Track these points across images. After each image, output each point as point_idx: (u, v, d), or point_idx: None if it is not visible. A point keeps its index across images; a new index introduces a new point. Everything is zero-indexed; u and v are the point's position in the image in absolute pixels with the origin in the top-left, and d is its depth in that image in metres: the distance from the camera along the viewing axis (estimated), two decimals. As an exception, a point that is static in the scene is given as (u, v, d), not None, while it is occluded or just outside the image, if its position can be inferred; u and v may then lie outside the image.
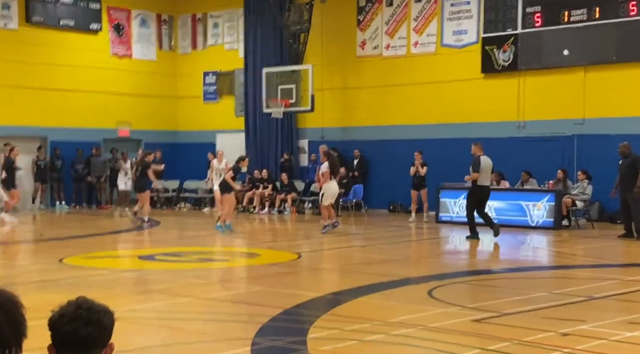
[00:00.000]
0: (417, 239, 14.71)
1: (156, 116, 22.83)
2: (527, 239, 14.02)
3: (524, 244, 13.67)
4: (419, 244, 14.01)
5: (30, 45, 19.98)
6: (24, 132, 19.99)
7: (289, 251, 11.94)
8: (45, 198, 20.63)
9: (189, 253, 12.29)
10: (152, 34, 22.90)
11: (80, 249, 11.98)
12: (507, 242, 13.61)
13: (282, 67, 19.81)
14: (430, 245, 13.71)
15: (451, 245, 13.82)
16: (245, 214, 19.25)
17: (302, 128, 21.17)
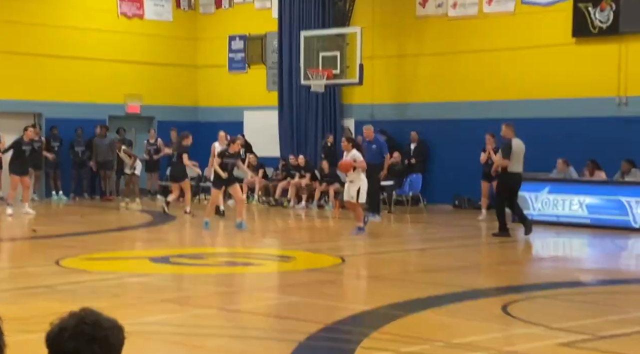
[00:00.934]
0: (489, 241, 14.56)
1: (172, 89, 23.04)
2: (629, 244, 13.78)
3: (624, 250, 13.43)
4: (490, 248, 13.87)
5: (24, 2, 20.30)
6: (13, 107, 20.35)
7: (331, 254, 11.96)
8: (40, 187, 20.98)
9: (210, 255, 12.40)
10: (167, -11, 23.09)
11: (81, 249, 12.19)
12: (603, 247, 13.38)
13: (324, 30, 19.76)
14: (504, 249, 13.56)
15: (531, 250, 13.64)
16: (278, 209, 19.34)
17: (348, 104, 21.13)
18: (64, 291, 8.81)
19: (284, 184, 19.96)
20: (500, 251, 13.50)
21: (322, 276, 10.06)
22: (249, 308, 8.20)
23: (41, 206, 19.79)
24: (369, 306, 8.20)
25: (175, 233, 15.02)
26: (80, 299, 8.28)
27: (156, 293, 9.12)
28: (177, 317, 7.64)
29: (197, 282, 9.99)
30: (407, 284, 9.59)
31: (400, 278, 10.18)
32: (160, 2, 22.94)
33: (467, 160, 17.90)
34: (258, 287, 9.70)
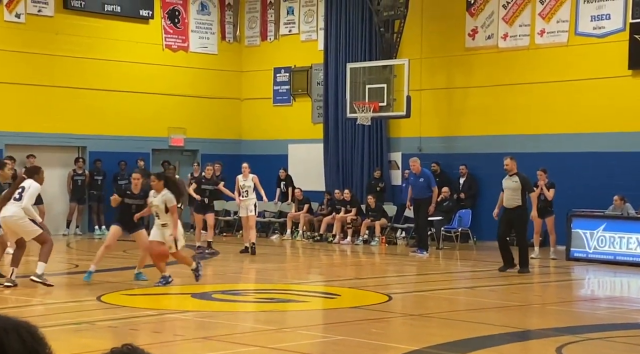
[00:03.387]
0: (542, 280, 14.34)
1: (216, 122, 23.27)
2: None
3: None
4: (543, 287, 13.65)
5: (68, 36, 20.75)
6: (58, 140, 20.73)
7: (377, 291, 11.87)
8: (83, 221, 21.27)
9: (252, 291, 12.39)
10: (213, 21, 23.42)
11: (122, 285, 12.28)
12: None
13: (370, 62, 19.84)
14: (558, 288, 13.33)
15: (587, 289, 13.38)
16: (323, 244, 19.30)
17: (395, 138, 21.11)
18: (105, 328, 8.88)
19: (329, 219, 19.94)
20: (555, 290, 13.27)
21: (368, 314, 9.98)
22: (293, 347, 8.15)
23: (84, 240, 20.05)
24: (416, 346, 8.09)
25: (217, 268, 15.05)
26: (121, 336, 8.33)
27: (197, 330, 9.13)
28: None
29: (239, 319, 9.99)
30: (456, 324, 9.46)
31: (448, 317, 10.05)
32: (205, 34, 23.27)
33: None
34: (302, 325, 9.66)
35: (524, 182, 13.96)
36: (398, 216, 19.69)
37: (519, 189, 13.87)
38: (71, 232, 20.82)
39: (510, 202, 13.93)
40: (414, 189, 16.92)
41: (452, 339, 8.28)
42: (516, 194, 13.88)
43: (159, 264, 11.97)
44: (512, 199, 13.89)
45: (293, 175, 21.65)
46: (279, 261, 16.83)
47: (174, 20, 22.65)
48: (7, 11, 19.84)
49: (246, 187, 16.35)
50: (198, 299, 11.27)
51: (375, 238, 19.16)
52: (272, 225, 21.41)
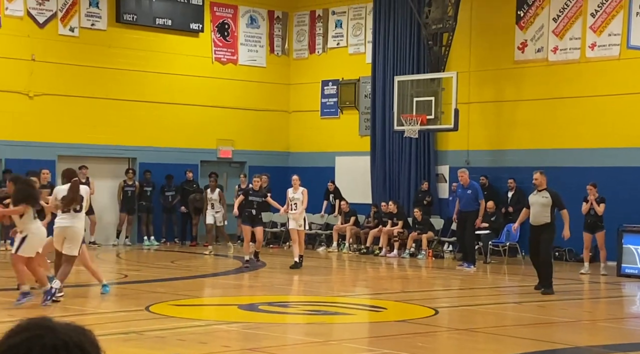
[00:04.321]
0: (592, 296, 14.10)
1: (264, 134, 23.41)
2: None
3: None
4: (593, 303, 13.42)
5: (120, 49, 21.09)
6: (109, 152, 21.05)
7: (423, 305, 11.80)
8: (132, 232, 21.55)
9: (299, 303, 12.41)
10: (262, 35, 23.60)
11: (170, 295, 12.40)
12: None
13: (419, 75, 19.81)
14: (608, 305, 13.10)
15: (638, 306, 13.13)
16: (369, 257, 19.26)
17: (442, 151, 21.01)
18: (153, 338, 8.96)
19: (375, 231, 19.90)
20: (605, 306, 13.06)
21: (414, 328, 9.93)
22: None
23: (133, 250, 20.30)
24: (463, 362, 8.03)
25: (264, 280, 15.11)
26: (169, 347, 8.42)
27: (244, 341, 9.17)
28: (264, 367, 7.65)
29: (285, 331, 10.01)
30: (503, 339, 9.36)
31: (495, 332, 9.95)
32: (254, 47, 23.46)
33: (568, 210, 17.44)
34: (348, 338, 9.64)
35: (555, 198, 13.18)
36: (445, 229, 19.57)
37: (549, 205, 13.10)
38: (121, 242, 21.08)
39: (539, 218, 13.13)
40: (461, 201, 16.81)
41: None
42: (545, 210, 13.10)
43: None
44: (541, 216, 13.10)
45: (340, 187, 21.66)
46: (325, 273, 16.84)
47: (223, 33, 22.88)
48: (62, 25, 20.25)
49: (295, 200, 16.23)
50: (245, 310, 11.33)
51: (422, 251, 19.05)
52: (319, 237, 21.43)
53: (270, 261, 17.40)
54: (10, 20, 19.52)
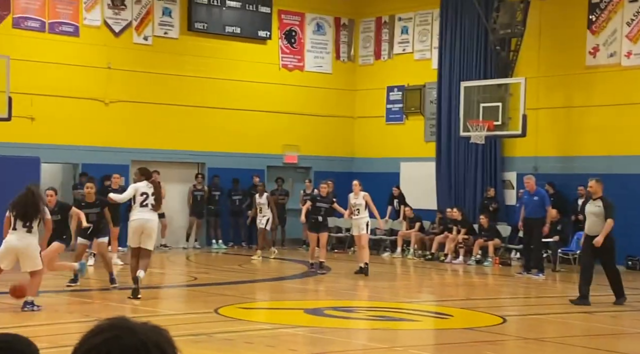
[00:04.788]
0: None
1: (329, 140, 23.44)
2: None
3: None
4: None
5: (191, 57, 21.39)
6: (178, 156, 21.35)
7: (490, 312, 11.62)
8: (201, 235, 21.80)
9: (364, 309, 12.35)
10: (328, 41, 23.66)
11: (237, 298, 12.49)
12: None
13: (486, 81, 19.56)
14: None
15: None
16: (434, 263, 19.08)
17: (509, 157, 20.69)
18: (222, 340, 9.03)
19: (440, 238, 19.70)
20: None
21: (481, 336, 9.79)
22: (405, 366, 8.07)
23: (202, 253, 20.52)
24: (531, 371, 7.87)
25: (329, 285, 15.10)
26: (237, 349, 8.47)
27: (310, 345, 9.17)
28: (331, 372, 7.63)
29: (351, 336, 9.98)
30: (572, 349, 9.16)
31: (564, 341, 9.74)
32: (320, 54, 23.52)
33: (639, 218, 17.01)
34: (413, 344, 9.55)
35: (607, 206, 12.49)
36: (512, 236, 19.26)
37: (602, 214, 12.46)
38: (190, 245, 21.34)
39: (593, 228, 12.53)
40: (527, 207, 16.52)
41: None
42: (600, 219, 12.47)
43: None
44: (595, 226, 12.51)
45: (404, 193, 21.52)
46: (390, 279, 16.75)
47: (290, 40, 23.01)
48: (136, 34, 20.65)
49: (357, 205, 16.06)
50: (310, 314, 11.32)
51: (488, 258, 18.78)
52: (383, 243, 21.33)
53: (335, 266, 17.36)
54: (88, 29, 20.00)
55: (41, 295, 13.25)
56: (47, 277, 15.93)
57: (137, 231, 11.81)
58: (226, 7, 21.75)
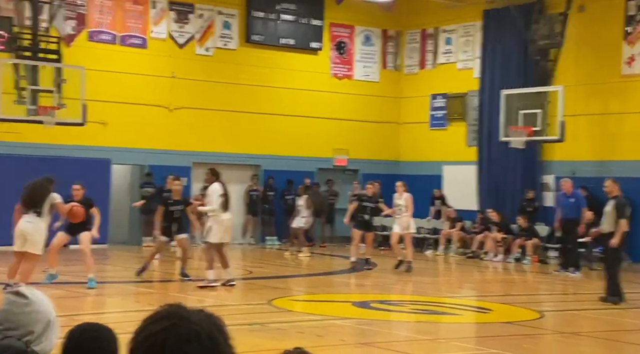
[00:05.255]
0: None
1: (376, 144, 23.33)
2: None
3: None
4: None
5: (248, 66, 21.50)
6: (237, 159, 21.46)
7: (529, 308, 11.39)
8: (256, 232, 21.87)
9: (408, 302, 12.23)
10: (376, 52, 23.55)
11: (289, 291, 12.49)
12: None
13: (525, 89, 19.23)
14: None
15: None
16: (475, 260, 18.83)
17: (548, 161, 20.32)
18: (274, 330, 9.01)
19: (481, 237, 19.43)
20: None
21: (519, 330, 9.60)
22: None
23: (256, 249, 20.58)
24: (569, 364, 7.67)
25: (375, 280, 14.99)
26: (288, 338, 8.43)
27: (357, 336, 9.10)
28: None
29: (396, 328, 9.88)
30: (607, 343, 8.92)
31: (600, 336, 9.49)
32: (368, 64, 23.44)
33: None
34: (455, 336, 9.41)
35: (617, 205, 12.07)
36: (550, 236, 18.90)
37: (613, 213, 12.07)
38: (246, 241, 21.43)
39: (606, 226, 12.17)
40: (564, 209, 16.21)
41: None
42: (611, 218, 12.11)
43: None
44: (607, 224, 12.14)
45: (447, 194, 21.31)
46: (433, 275, 16.57)
47: (340, 51, 22.97)
48: (198, 46, 20.83)
49: (400, 205, 15.91)
50: (358, 307, 11.24)
51: (526, 257, 18.45)
52: (427, 241, 21.13)
53: (381, 263, 17.24)
54: (154, 41, 20.22)
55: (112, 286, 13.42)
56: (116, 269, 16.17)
57: (228, 230, 12.35)
58: (281, 20, 21.81)
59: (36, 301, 2.80)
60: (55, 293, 10.39)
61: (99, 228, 12.33)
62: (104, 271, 15.66)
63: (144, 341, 1.97)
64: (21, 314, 2.72)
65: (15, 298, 2.77)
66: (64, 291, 11.45)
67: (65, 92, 16.34)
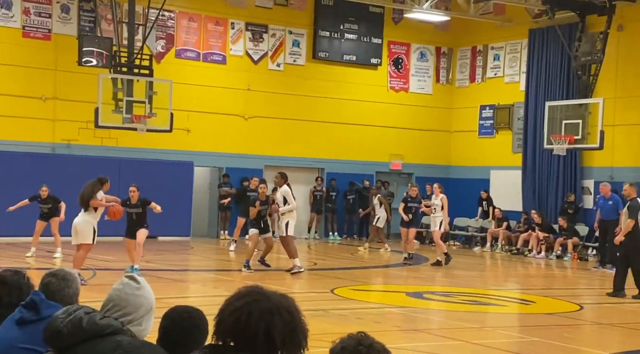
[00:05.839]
0: None
1: (428, 150, 23.22)
2: None
3: None
4: None
5: (314, 80, 21.68)
6: (302, 162, 21.68)
7: (569, 300, 11.20)
8: (320, 228, 22.02)
9: (457, 293, 12.16)
10: (429, 67, 23.45)
11: (350, 281, 12.53)
12: None
13: (568, 101, 18.90)
14: None
15: None
16: (519, 257, 18.56)
17: (588, 167, 19.90)
18: (336, 315, 9.08)
19: (525, 235, 19.15)
20: None
21: (561, 321, 9.46)
22: (493, 344, 7.90)
23: (320, 243, 20.71)
24: (605, 352, 7.54)
25: (427, 272, 14.93)
26: (349, 323, 8.50)
27: (411, 323, 9.11)
28: (428, 346, 7.56)
29: (446, 317, 9.84)
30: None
31: (636, 327, 9.26)
32: (423, 78, 23.37)
33: None
34: (501, 325, 9.33)
35: (630, 207, 11.63)
36: (589, 235, 18.52)
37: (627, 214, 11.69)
38: (311, 236, 21.59)
39: (623, 227, 11.84)
40: (602, 211, 15.87)
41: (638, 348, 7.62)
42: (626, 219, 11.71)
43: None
44: (623, 224, 11.83)
45: (493, 196, 21.07)
46: (480, 270, 16.40)
47: (397, 66, 22.95)
48: (271, 61, 21.12)
49: (435, 205, 15.65)
50: (412, 297, 11.24)
51: (567, 254, 18.10)
52: (474, 238, 20.92)
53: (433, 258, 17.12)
54: (233, 58, 20.58)
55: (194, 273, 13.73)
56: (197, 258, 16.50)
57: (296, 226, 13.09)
58: (344, 39, 21.94)
59: (146, 287, 2.86)
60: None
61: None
62: (187, 260, 16.03)
63: (230, 315, 2.06)
64: (132, 296, 2.75)
65: (128, 281, 2.80)
66: (150, 277, 11.77)
67: (155, 103, 16.74)
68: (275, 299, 2.14)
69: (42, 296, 3.25)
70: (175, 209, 18.83)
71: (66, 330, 2.62)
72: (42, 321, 3.04)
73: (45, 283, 3.35)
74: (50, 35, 18.21)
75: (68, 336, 2.61)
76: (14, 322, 3.20)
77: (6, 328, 3.21)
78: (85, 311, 2.68)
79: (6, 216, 14.41)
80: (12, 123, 17.78)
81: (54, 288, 3.31)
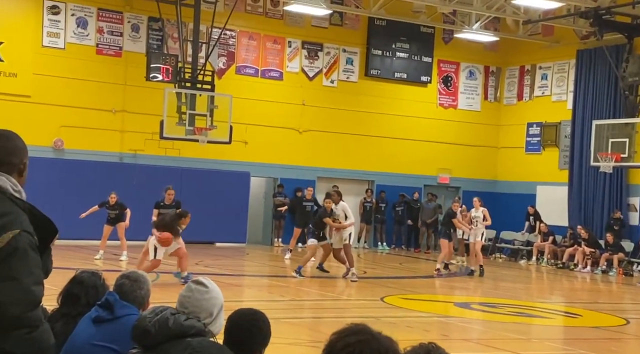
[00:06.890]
0: None
1: (476, 165, 22.96)
2: None
3: None
4: None
5: (366, 96, 21.72)
6: (353, 175, 21.71)
7: (615, 315, 10.91)
8: (369, 238, 21.97)
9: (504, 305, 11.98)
10: (478, 85, 23.24)
11: (399, 290, 12.47)
12: None
13: (615, 120, 18.49)
14: None
15: None
16: (565, 271, 18.17)
17: (634, 184, 19.39)
18: (387, 323, 9.03)
19: (571, 250, 18.74)
20: None
21: (607, 334, 9.23)
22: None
23: (369, 253, 20.66)
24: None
25: (473, 284, 14.74)
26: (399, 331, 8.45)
27: (459, 333, 9.01)
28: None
29: (493, 327, 9.71)
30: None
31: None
32: (471, 95, 23.16)
33: None
34: (547, 337, 9.15)
35: None
36: (635, 251, 18.01)
37: None
38: (360, 246, 21.54)
39: None
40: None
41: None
42: None
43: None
44: None
45: (540, 211, 20.70)
46: (526, 282, 16.12)
47: (447, 84, 22.82)
48: (325, 78, 21.24)
49: (476, 217, 15.50)
50: (460, 307, 11.12)
51: (613, 269, 17.64)
52: (521, 252, 20.57)
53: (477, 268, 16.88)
54: (289, 75, 20.78)
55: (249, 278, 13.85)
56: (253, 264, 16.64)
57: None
58: (396, 57, 21.93)
59: (214, 289, 2.92)
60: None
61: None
62: (242, 266, 16.19)
63: (341, 350, 2.09)
64: (203, 301, 2.82)
65: (196, 286, 2.87)
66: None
67: (216, 116, 17.01)
68: (384, 341, 2.18)
69: (116, 296, 3.32)
70: (232, 216, 19.07)
71: (154, 329, 2.69)
72: (117, 321, 3.12)
73: (118, 284, 3.43)
74: (121, 52, 18.72)
75: (155, 335, 2.68)
76: (91, 320, 3.27)
77: (83, 326, 3.30)
78: (171, 312, 2.75)
79: (76, 221, 14.83)
80: (84, 134, 18.31)
81: (126, 289, 3.38)
